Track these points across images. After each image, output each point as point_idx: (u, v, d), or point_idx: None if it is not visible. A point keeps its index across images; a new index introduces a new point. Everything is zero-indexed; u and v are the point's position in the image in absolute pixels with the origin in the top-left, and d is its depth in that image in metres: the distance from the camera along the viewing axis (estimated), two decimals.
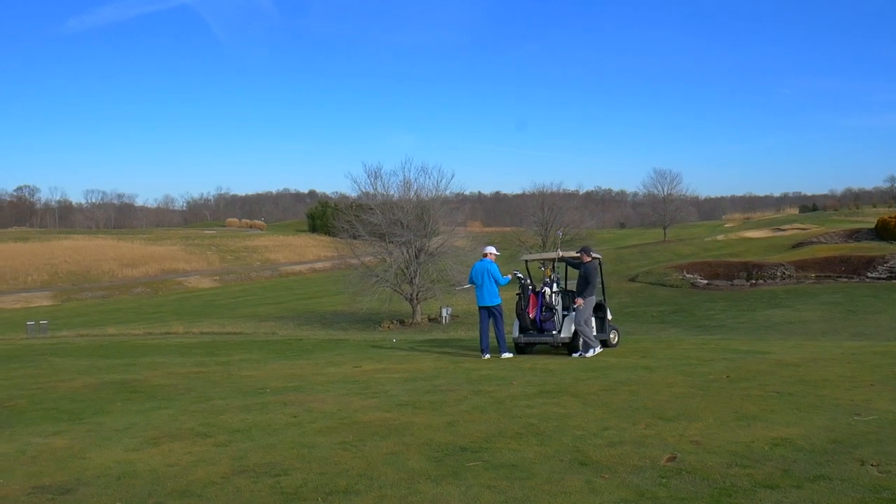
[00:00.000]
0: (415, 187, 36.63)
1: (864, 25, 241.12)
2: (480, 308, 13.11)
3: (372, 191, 37.51)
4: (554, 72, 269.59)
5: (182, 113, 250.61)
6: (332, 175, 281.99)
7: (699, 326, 28.87)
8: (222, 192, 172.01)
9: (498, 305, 13.03)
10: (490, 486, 4.79)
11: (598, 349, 12.66)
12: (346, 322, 35.41)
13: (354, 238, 37.13)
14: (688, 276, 46.41)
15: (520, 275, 13.54)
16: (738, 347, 13.41)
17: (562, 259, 13.94)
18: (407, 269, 35.36)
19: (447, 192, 37.81)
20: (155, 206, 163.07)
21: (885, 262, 44.72)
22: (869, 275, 43.57)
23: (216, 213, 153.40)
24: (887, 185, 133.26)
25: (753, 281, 45.18)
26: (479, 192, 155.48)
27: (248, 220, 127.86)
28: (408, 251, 35.52)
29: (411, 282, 35.14)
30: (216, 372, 11.80)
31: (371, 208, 36.37)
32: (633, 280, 46.34)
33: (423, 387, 9.25)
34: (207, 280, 69.86)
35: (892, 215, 56.38)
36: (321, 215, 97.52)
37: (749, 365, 10.46)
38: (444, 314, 34.48)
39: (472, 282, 13.27)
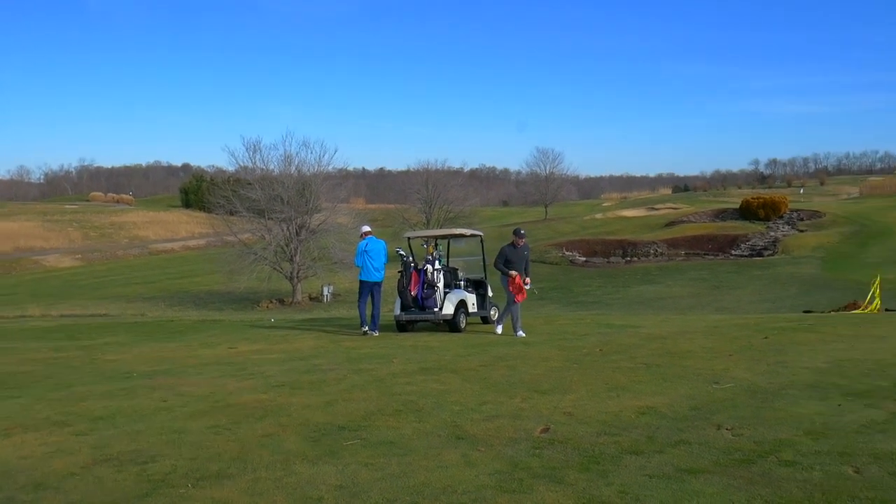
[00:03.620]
0: (296, 162, 36.17)
1: (734, 14, 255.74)
2: (368, 283, 13.17)
3: (251, 165, 36.77)
4: (440, 48, 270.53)
5: (40, 76, 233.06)
6: (208, 148, 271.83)
7: (577, 302, 30.11)
8: (85, 163, 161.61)
9: (381, 282, 13.29)
10: (367, 464, 4.83)
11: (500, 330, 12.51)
12: (221, 302, 34.45)
13: (231, 214, 36.26)
14: (567, 253, 48.18)
15: (401, 252, 13.62)
16: (611, 322, 14.10)
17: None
18: (287, 246, 34.86)
19: (330, 168, 37.56)
20: (7, 177, 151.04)
21: (748, 241, 48.28)
22: (733, 252, 46.85)
23: (78, 187, 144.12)
24: (752, 167, 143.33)
25: (628, 258, 47.48)
26: (364, 169, 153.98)
27: (114, 195, 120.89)
28: (288, 228, 35.02)
29: (291, 259, 34.66)
30: (77, 357, 11.20)
31: (249, 183, 35.58)
32: None
33: (301, 367, 9.18)
34: (68, 259, 65.78)
35: (755, 196, 60.74)
36: (196, 190, 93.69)
37: (621, 339, 11.04)
38: (325, 292, 34.27)
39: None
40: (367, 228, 13.56)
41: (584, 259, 47.35)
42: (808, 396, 6.49)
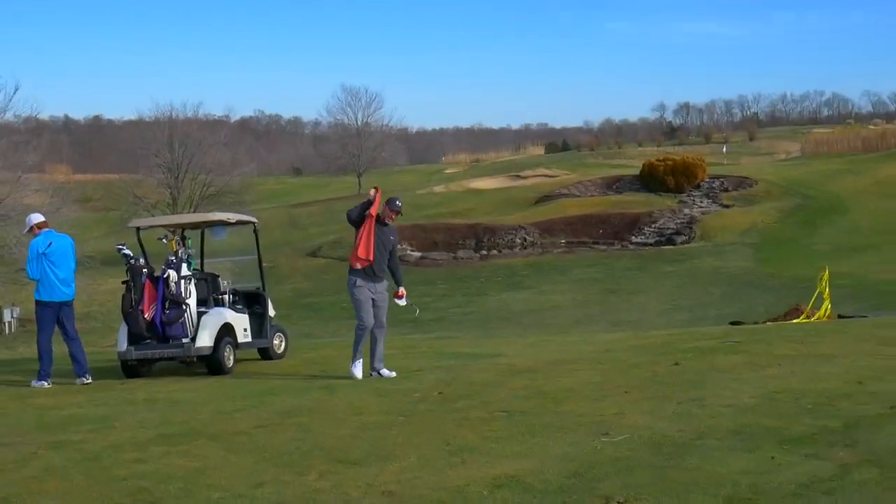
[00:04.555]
0: None
1: None
2: (53, 305, 12.81)
3: None
4: None
5: None
6: None
7: (410, 321, 30.47)
8: None
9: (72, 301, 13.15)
10: None
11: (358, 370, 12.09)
12: None
13: None
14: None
15: (126, 250, 13.26)
16: (458, 350, 14.44)
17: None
18: None
19: (9, 116, 36.07)
20: None
21: (654, 222, 50.89)
22: (633, 240, 49.31)
23: None
24: (656, 115, 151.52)
25: (485, 252, 48.83)
26: (67, 117, 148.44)
27: None
28: None
29: None
30: None
31: None
32: (314, 255, 47.68)
33: None
34: None
35: (661, 158, 64.23)
36: None
37: (471, 375, 11.32)
38: (7, 318, 33.00)
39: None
40: (40, 218, 13.25)
41: (419, 254, 48.16)
42: (731, 447, 6.93)
